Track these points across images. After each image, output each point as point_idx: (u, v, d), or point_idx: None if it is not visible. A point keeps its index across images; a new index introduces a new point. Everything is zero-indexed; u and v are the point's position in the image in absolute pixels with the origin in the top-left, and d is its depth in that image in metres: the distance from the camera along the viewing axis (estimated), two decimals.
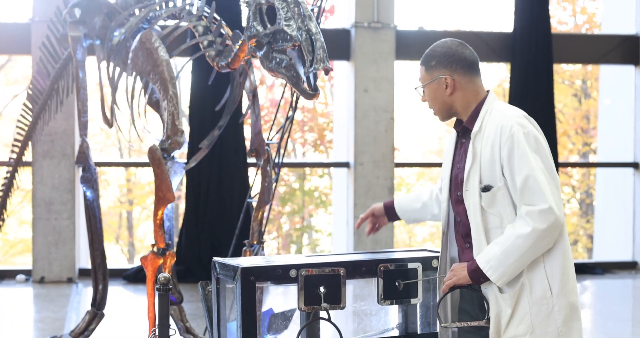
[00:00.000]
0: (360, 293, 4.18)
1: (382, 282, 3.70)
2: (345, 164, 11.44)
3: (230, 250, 7.25)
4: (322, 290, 3.54)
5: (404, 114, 19.16)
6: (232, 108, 6.03)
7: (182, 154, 5.74)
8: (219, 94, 6.73)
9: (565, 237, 3.37)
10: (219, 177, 10.78)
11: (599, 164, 13.09)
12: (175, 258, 5.50)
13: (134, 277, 10.58)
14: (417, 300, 3.79)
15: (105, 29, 5.91)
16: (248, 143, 9.53)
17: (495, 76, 18.64)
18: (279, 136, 6.42)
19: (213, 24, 5.65)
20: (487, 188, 3.37)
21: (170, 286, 3.77)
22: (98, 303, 6.21)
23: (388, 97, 11.15)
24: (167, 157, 5.38)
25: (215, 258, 3.76)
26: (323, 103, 18.36)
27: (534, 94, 11.44)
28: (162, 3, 5.82)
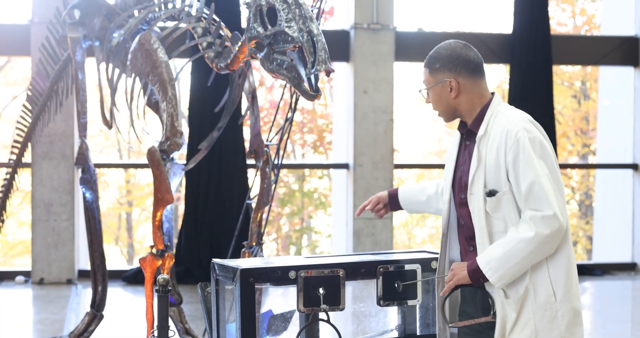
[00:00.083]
0: (360, 295, 4.18)
1: (381, 284, 3.70)
2: (345, 166, 11.44)
3: (230, 251, 7.26)
4: (321, 291, 3.54)
5: (404, 116, 19.17)
6: (231, 109, 6.03)
7: (181, 156, 5.73)
8: (218, 96, 6.72)
9: (570, 243, 3.37)
10: (218, 178, 10.78)
11: (599, 166, 13.09)
12: (174, 260, 5.50)
13: (134, 278, 10.57)
14: (416, 301, 3.79)
15: (105, 31, 5.91)
16: (247, 145, 9.53)
17: (495, 77, 18.63)
18: (279, 137, 6.42)
19: (212, 26, 5.65)
20: (492, 193, 3.36)
21: (170, 287, 3.77)
22: (97, 305, 6.21)
23: (387, 98, 11.15)
24: (166, 158, 5.37)
25: (215, 260, 3.76)
26: (322, 104, 18.35)
27: (534, 96, 11.44)
28: (161, 4, 5.82)
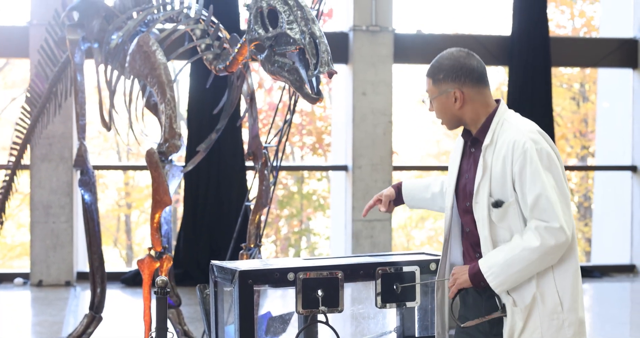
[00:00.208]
0: (358, 297, 4.18)
1: (380, 285, 3.70)
2: (344, 168, 11.43)
3: (228, 253, 7.26)
4: (320, 293, 3.54)
5: (402, 118, 19.18)
6: (229, 111, 6.03)
7: (180, 158, 5.73)
8: (217, 98, 6.72)
9: (576, 252, 3.36)
10: (217, 180, 10.78)
11: (597, 168, 13.09)
12: (172, 262, 5.50)
13: (132, 280, 10.56)
14: (415, 303, 3.79)
15: (103, 32, 5.91)
16: (246, 146, 9.54)
17: (494, 79, 18.63)
18: (277, 139, 6.43)
19: (211, 28, 5.65)
20: (498, 204, 3.34)
21: (168, 289, 3.76)
22: (96, 307, 6.21)
23: (386, 100, 11.14)
24: (164, 160, 5.37)
25: (213, 262, 3.76)
26: (321, 106, 18.35)
27: (533, 98, 11.43)
28: (159, 6, 5.82)
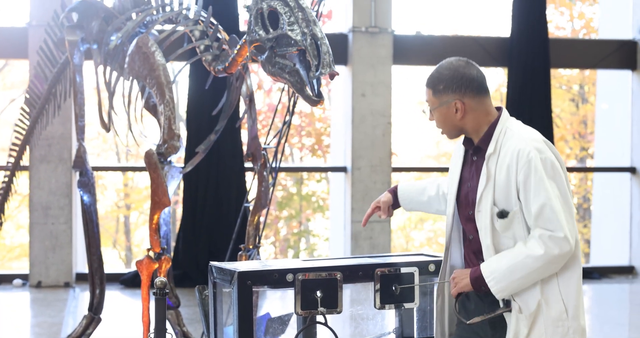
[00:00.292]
0: (357, 298, 4.18)
1: (379, 286, 3.70)
2: (343, 169, 11.43)
3: (227, 254, 7.26)
4: (319, 294, 3.54)
5: (402, 119, 19.18)
6: (229, 112, 6.02)
7: (179, 159, 5.73)
8: (216, 99, 6.72)
9: (579, 260, 3.37)
10: (216, 181, 10.78)
11: (597, 169, 13.09)
12: (171, 263, 5.49)
13: (131, 282, 10.56)
14: (413, 304, 3.79)
15: (102, 33, 5.90)
16: (245, 148, 9.53)
17: (493, 80, 18.64)
18: (277, 140, 6.43)
19: (210, 29, 5.65)
20: (504, 215, 3.33)
21: (167, 290, 3.76)
22: (95, 308, 6.20)
23: (385, 101, 11.14)
24: (163, 161, 5.37)
25: (212, 263, 3.76)
26: (321, 108, 18.35)
27: (532, 99, 11.44)
28: (159, 7, 5.82)
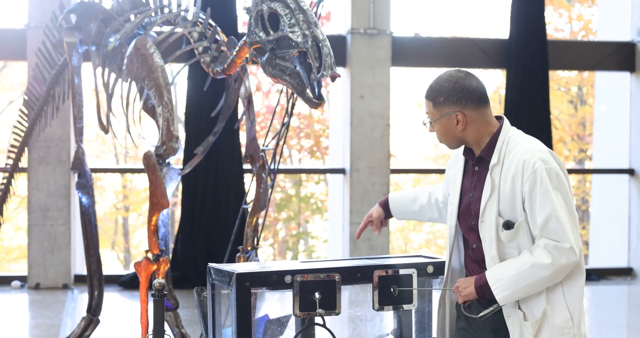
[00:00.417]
0: (356, 299, 4.17)
1: (377, 288, 3.70)
2: (341, 171, 11.43)
3: (226, 256, 7.26)
4: (317, 295, 3.54)
5: (400, 121, 19.18)
6: (227, 114, 6.03)
7: (177, 160, 5.73)
8: (215, 100, 6.73)
9: (584, 269, 3.37)
10: (215, 183, 10.78)
11: (595, 171, 13.10)
12: (169, 265, 5.49)
13: (130, 283, 10.56)
14: (412, 306, 3.79)
15: (101, 35, 5.90)
16: (243, 149, 9.54)
17: (492, 82, 18.66)
18: (275, 142, 6.42)
19: (208, 30, 5.65)
20: (509, 226, 3.33)
21: (166, 292, 3.76)
22: (94, 310, 6.20)
23: (384, 103, 11.15)
24: (162, 163, 5.37)
25: (211, 264, 3.75)
26: (320, 110, 18.34)
27: (530, 101, 11.45)
28: (157, 9, 5.82)
